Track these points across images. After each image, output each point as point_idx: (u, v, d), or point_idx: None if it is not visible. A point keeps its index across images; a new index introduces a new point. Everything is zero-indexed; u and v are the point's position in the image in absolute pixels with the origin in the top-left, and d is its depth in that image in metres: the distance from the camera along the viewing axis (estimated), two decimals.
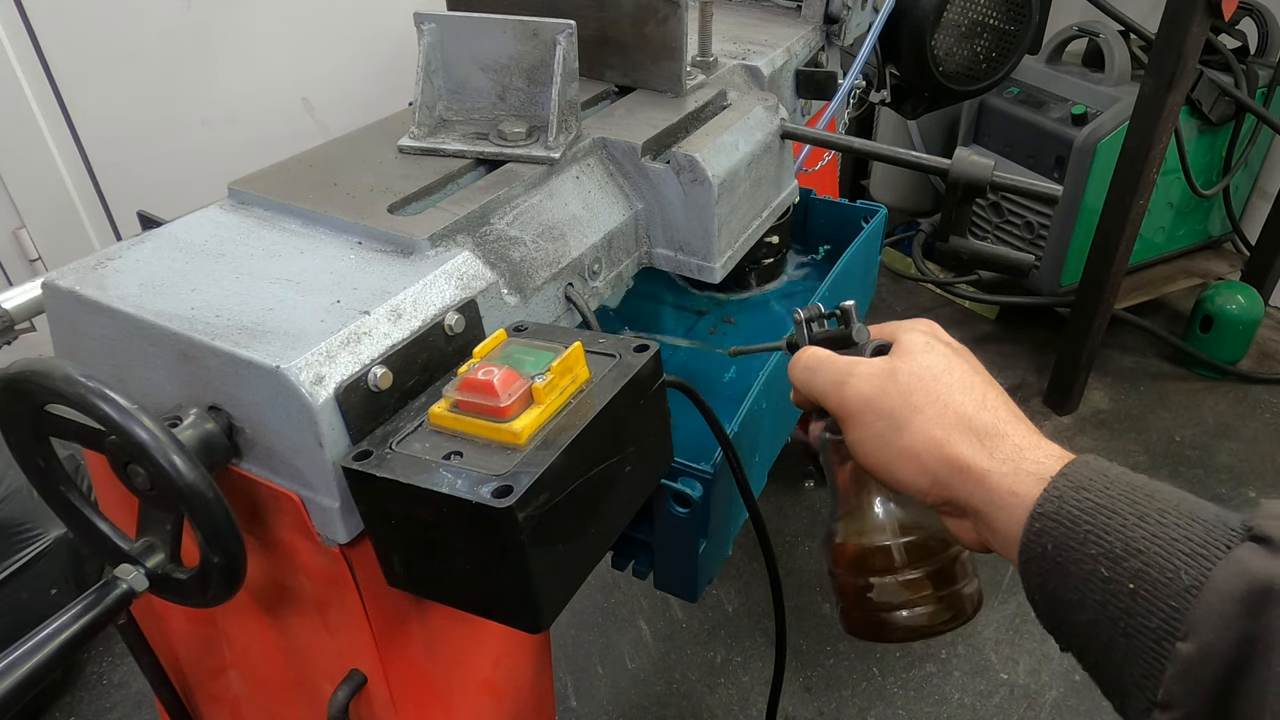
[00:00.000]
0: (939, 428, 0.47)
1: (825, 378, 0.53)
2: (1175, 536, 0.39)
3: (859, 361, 0.53)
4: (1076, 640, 0.43)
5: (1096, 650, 0.41)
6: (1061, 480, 0.43)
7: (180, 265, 0.56)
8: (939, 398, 0.49)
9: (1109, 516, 0.41)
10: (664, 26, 0.75)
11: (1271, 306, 2.17)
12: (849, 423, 0.51)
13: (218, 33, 1.60)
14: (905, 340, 0.53)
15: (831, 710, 1.35)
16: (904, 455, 0.48)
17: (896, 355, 0.52)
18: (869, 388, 0.51)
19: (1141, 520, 0.40)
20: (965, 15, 1.22)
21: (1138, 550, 0.39)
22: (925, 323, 0.56)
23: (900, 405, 0.49)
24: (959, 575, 0.55)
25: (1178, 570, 0.38)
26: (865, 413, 0.50)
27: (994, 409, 0.49)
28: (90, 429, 0.45)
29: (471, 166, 0.68)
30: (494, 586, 0.48)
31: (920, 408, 0.48)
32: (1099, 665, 0.41)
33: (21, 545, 1.26)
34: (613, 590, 1.55)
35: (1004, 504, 0.45)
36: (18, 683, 0.42)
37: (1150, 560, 0.39)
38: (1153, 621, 0.38)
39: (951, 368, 0.50)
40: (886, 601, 0.55)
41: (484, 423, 0.47)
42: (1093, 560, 0.40)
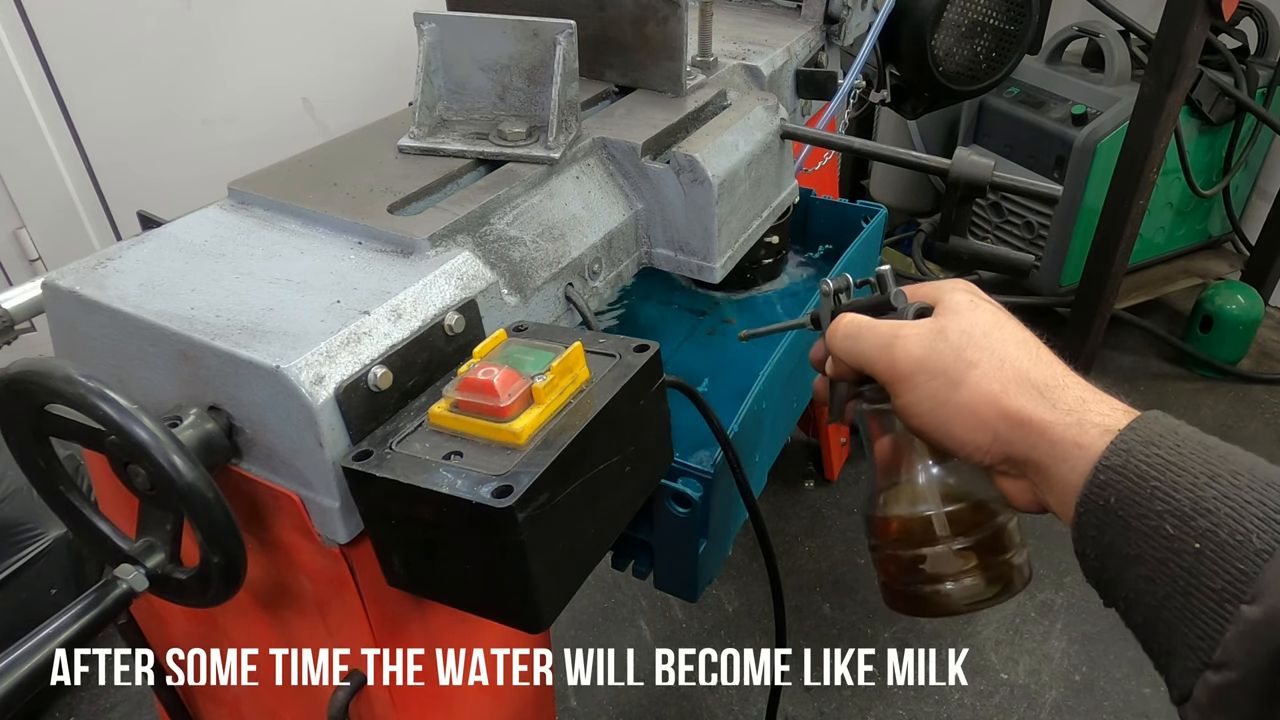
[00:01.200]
0: (996, 381, 0.46)
1: (870, 342, 0.51)
2: (1248, 499, 0.38)
3: (904, 324, 0.51)
4: (1126, 595, 0.42)
5: (1148, 607, 0.40)
6: (1130, 434, 0.42)
7: (180, 265, 0.56)
8: (994, 352, 0.47)
9: (1178, 474, 0.40)
10: (664, 26, 0.75)
11: (1271, 306, 2.17)
12: (900, 385, 0.50)
13: (218, 33, 1.60)
14: (949, 300, 0.52)
15: (831, 710, 1.35)
16: (962, 412, 0.47)
17: (942, 314, 0.51)
18: (919, 348, 0.49)
19: (1213, 480, 0.39)
20: (965, 15, 1.22)
21: (1207, 510, 0.38)
22: (963, 282, 0.54)
23: (954, 362, 0.48)
24: (1008, 545, 0.54)
25: (1249, 533, 0.37)
26: (918, 373, 0.49)
27: (1050, 363, 0.48)
28: (90, 429, 0.45)
29: (471, 166, 0.68)
30: (494, 586, 0.48)
31: (976, 363, 0.47)
32: (1147, 623, 0.41)
33: (21, 545, 1.26)
34: (613, 590, 1.55)
35: (1067, 455, 0.44)
36: (18, 683, 0.42)
37: (1220, 521, 0.38)
38: (1218, 583, 0.37)
39: (1001, 323, 0.50)
40: (933, 574, 0.53)
41: (484, 423, 0.47)
42: (1158, 517, 0.40)
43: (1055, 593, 1.50)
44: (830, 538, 1.64)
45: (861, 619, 1.49)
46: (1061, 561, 1.55)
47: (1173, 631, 0.39)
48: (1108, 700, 1.34)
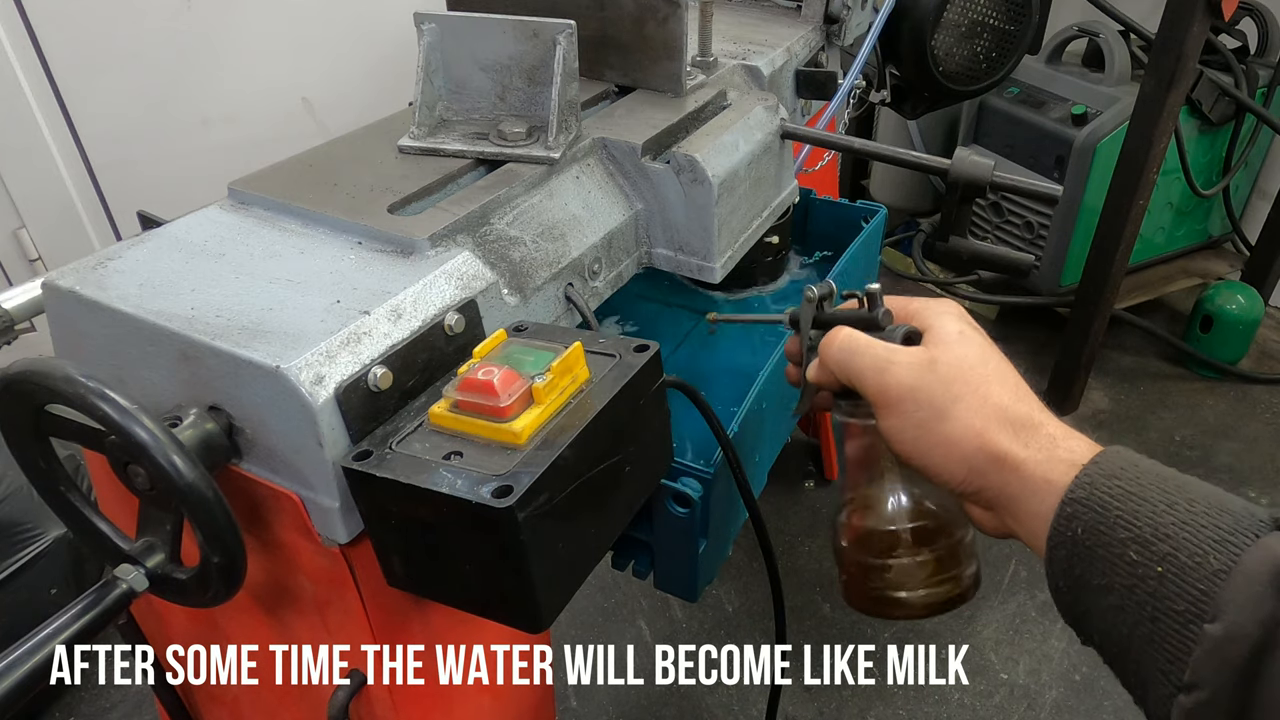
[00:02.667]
0: (978, 417, 0.48)
1: (864, 363, 0.53)
2: (1204, 524, 0.40)
3: (898, 350, 0.53)
4: (1100, 628, 0.43)
5: (1119, 636, 0.41)
6: (1093, 467, 0.44)
7: (180, 265, 0.56)
8: (978, 388, 0.49)
9: (1139, 503, 0.42)
10: (664, 26, 0.75)
11: (1271, 306, 2.17)
12: (888, 410, 0.52)
13: (218, 33, 1.60)
14: (939, 328, 0.53)
15: (831, 710, 1.35)
16: (943, 444, 0.49)
17: (932, 344, 0.52)
18: (910, 377, 0.51)
19: (1171, 507, 0.41)
20: (965, 15, 1.22)
21: (1166, 535, 0.40)
22: (952, 305, 0.56)
23: (941, 395, 0.49)
24: (963, 558, 0.56)
25: (1206, 555, 0.39)
26: (907, 401, 0.50)
27: (1027, 400, 0.50)
28: (90, 429, 0.45)
29: (471, 166, 0.68)
30: (494, 586, 0.48)
31: (960, 397, 0.49)
32: (1122, 654, 0.42)
33: (21, 545, 1.26)
34: (613, 590, 1.55)
35: (1036, 490, 0.46)
36: (18, 683, 0.42)
37: (1179, 545, 0.39)
38: (1180, 605, 0.39)
39: (986, 358, 0.51)
40: (895, 581, 0.56)
41: (484, 423, 0.47)
42: (1121, 545, 0.41)
43: None
44: None
45: (861, 619, 1.49)
46: None
47: (1144, 659, 0.40)
48: (1108, 700, 1.34)
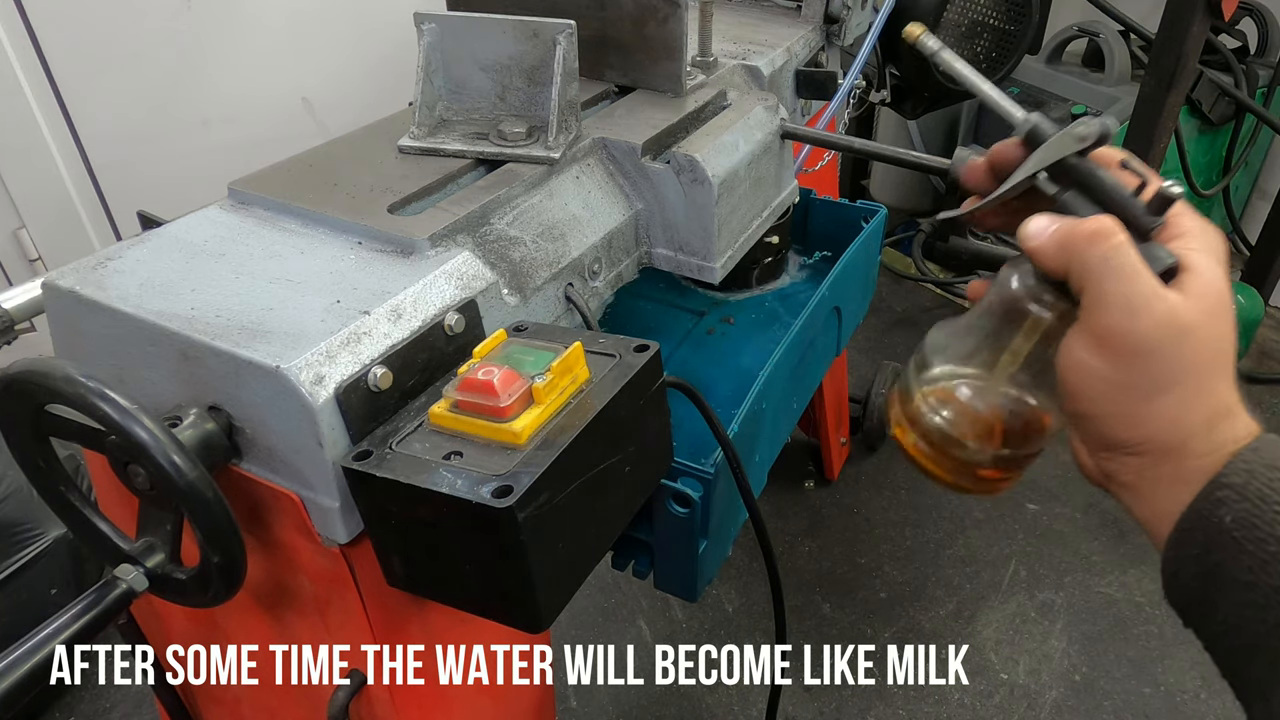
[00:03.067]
0: (1190, 411, 0.42)
1: (1119, 288, 0.42)
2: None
3: (1160, 293, 0.42)
4: (1232, 622, 0.39)
5: (1253, 634, 0.38)
6: (1253, 455, 0.40)
7: (180, 265, 0.56)
8: (1207, 379, 0.43)
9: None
10: (664, 26, 0.75)
11: (1271, 306, 2.17)
12: (1104, 350, 0.43)
13: (218, 32, 1.60)
14: (1203, 275, 0.44)
15: (831, 710, 1.35)
16: (1132, 415, 0.43)
17: (1192, 295, 0.43)
18: (1158, 337, 0.42)
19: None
20: (965, 15, 1.22)
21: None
22: (1218, 239, 0.46)
23: (1172, 372, 0.42)
24: (1025, 469, 0.52)
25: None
26: (1137, 359, 0.42)
27: (1229, 387, 0.44)
28: (90, 429, 0.45)
29: (471, 166, 0.68)
30: (494, 586, 0.48)
31: (1187, 382, 0.42)
32: (1246, 649, 0.38)
33: (21, 545, 1.26)
34: (613, 590, 1.55)
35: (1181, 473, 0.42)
36: (18, 683, 0.42)
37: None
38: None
39: (1231, 335, 0.44)
40: (961, 459, 0.51)
41: (484, 423, 0.47)
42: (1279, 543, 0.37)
43: (1055, 593, 1.50)
44: (830, 538, 1.64)
45: (861, 619, 1.49)
46: (1061, 561, 1.55)
47: (1277, 663, 0.37)
48: (1108, 700, 1.34)
